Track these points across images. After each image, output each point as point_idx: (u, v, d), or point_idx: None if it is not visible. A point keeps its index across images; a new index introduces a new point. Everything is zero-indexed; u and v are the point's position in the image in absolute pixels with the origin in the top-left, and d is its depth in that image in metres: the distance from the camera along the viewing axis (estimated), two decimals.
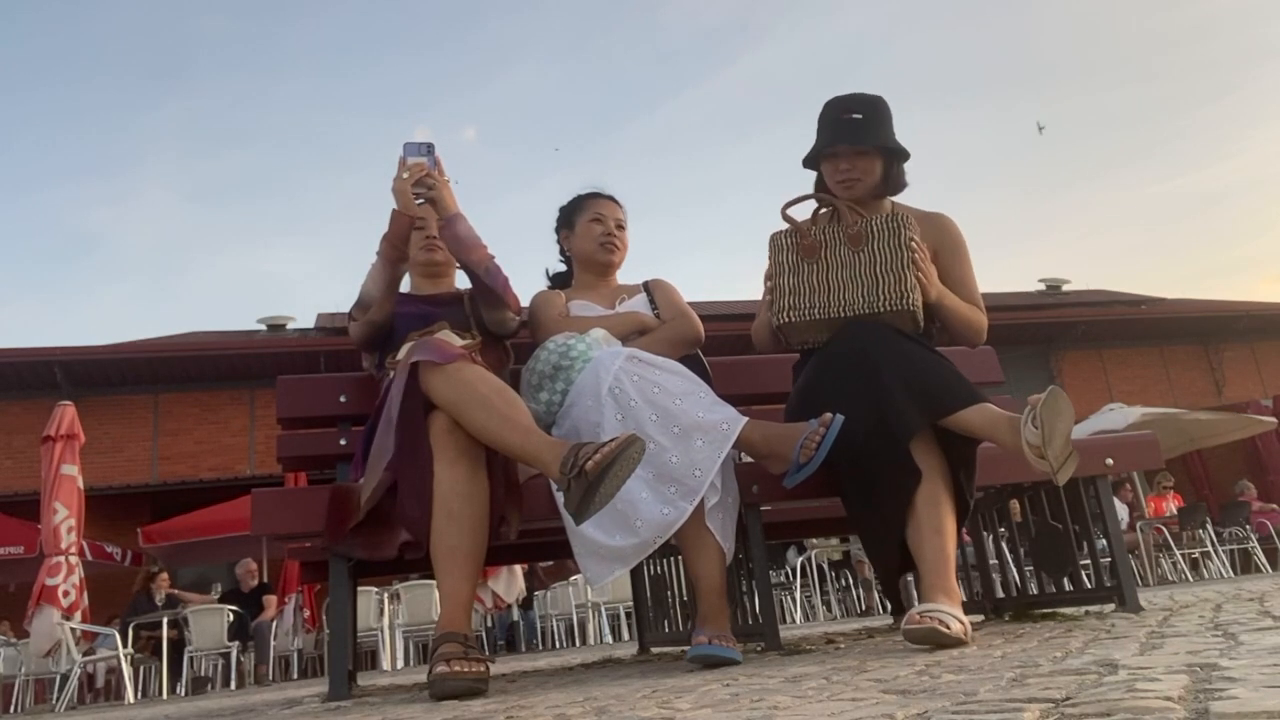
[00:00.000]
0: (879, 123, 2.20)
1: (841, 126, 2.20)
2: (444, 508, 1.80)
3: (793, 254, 2.07)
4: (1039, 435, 1.65)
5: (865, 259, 2.02)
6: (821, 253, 2.05)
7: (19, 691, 8.26)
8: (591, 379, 2.00)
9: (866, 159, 2.18)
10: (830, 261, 2.04)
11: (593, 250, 2.52)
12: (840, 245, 2.04)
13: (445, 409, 1.83)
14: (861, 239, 2.03)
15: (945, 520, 1.82)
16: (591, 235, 2.53)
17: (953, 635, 1.59)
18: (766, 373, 2.59)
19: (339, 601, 2.19)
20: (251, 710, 2.33)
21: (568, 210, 2.61)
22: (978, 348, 2.38)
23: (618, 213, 2.58)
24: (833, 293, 2.02)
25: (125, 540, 10.74)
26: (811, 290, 2.04)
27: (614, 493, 1.66)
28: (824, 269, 2.04)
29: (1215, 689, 0.78)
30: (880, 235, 2.03)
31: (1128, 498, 10.22)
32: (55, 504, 7.10)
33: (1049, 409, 1.65)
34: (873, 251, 2.02)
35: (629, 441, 1.64)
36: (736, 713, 0.96)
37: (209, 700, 4.64)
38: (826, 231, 2.07)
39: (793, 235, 2.10)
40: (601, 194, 2.60)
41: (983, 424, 1.81)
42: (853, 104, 2.21)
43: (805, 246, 2.06)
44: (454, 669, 1.66)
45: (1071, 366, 16.01)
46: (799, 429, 1.90)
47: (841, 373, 1.95)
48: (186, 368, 13.22)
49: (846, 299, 2.00)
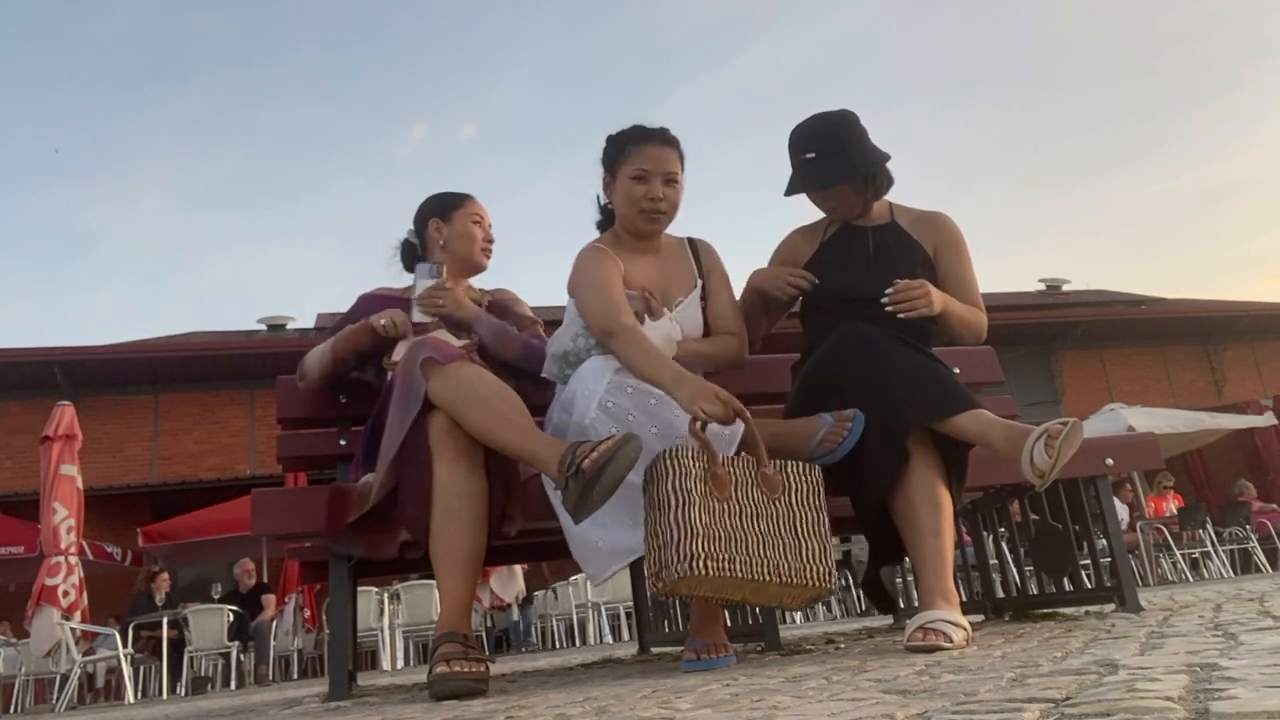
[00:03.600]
0: (838, 155, 2.17)
1: (802, 170, 2.20)
2: (443, 507, 1.80)
3: (701, 483, 1.66)
4: (1048, 463, 1.67)
5: (783, 511, 1.70)
6: (732, 490, 1.68)
7: (19, 691, 8.26)
8: (583, 391, 1.89)
9: (835, 190, 2.21)
10: (743, 503, 1.68)
11: (632, 215, 2.13)
12: (753, 486, 1.70)
13: (444, 408, 1.84)
14: (777, 485, 1.71)
15: (944, 523, 1.82)
16: (633, 197, 2.11)
17: (956, 647, 1.60)
18: (765, 373, 2.59)
19: (339, 601, 2.19)
20: (251, 710, 2.33)
21: (612, 153, 2.18)
22: (978, 347, 2.39)
23: (668, 163, 2.13)
24: (752, 545, 1.64)
25: (125, 540, 10.74)
26: (729, 537, 1.63)
27: (611, 490, 1.67)
28: (736, 512, 1.67)
29: (1215, 689, 0.78)
30: (799, 487, 1.73)
31: (1128, 498, 10.22)
32: (55, 504, 7.11)
33: (1067, 444, 1.66)
34: (790, 505, 1.70)
35: (625, 440, 1.64)
36: (736, 713, 0.96)
37: (209, 700, 4.64)
38: (737, 466, 1.71)
39: (702, 459, 1.69)
40: (650, 136, 2.15)
41: (977, 430, 1.82)
42: (806, 141, 2.20)
43: (717, 478, 1.67)
44: (454, 669, 1.66)
45: (1071, 366, 16.01)
46: (811, 425, 1.91)
47: (846, 371, 1.95)
48: (186, 368, 13.22)
49: (769, 558, 1.64)
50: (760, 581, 1.62)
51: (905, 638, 1.67)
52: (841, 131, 2.19)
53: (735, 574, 1.59)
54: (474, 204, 2.55)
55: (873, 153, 2.20)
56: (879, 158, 2.20)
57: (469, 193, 2.58)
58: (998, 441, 1.77)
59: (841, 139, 2.18)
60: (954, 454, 1.94)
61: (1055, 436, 1.66)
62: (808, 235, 2.36)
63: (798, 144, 2.21)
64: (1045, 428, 1.69)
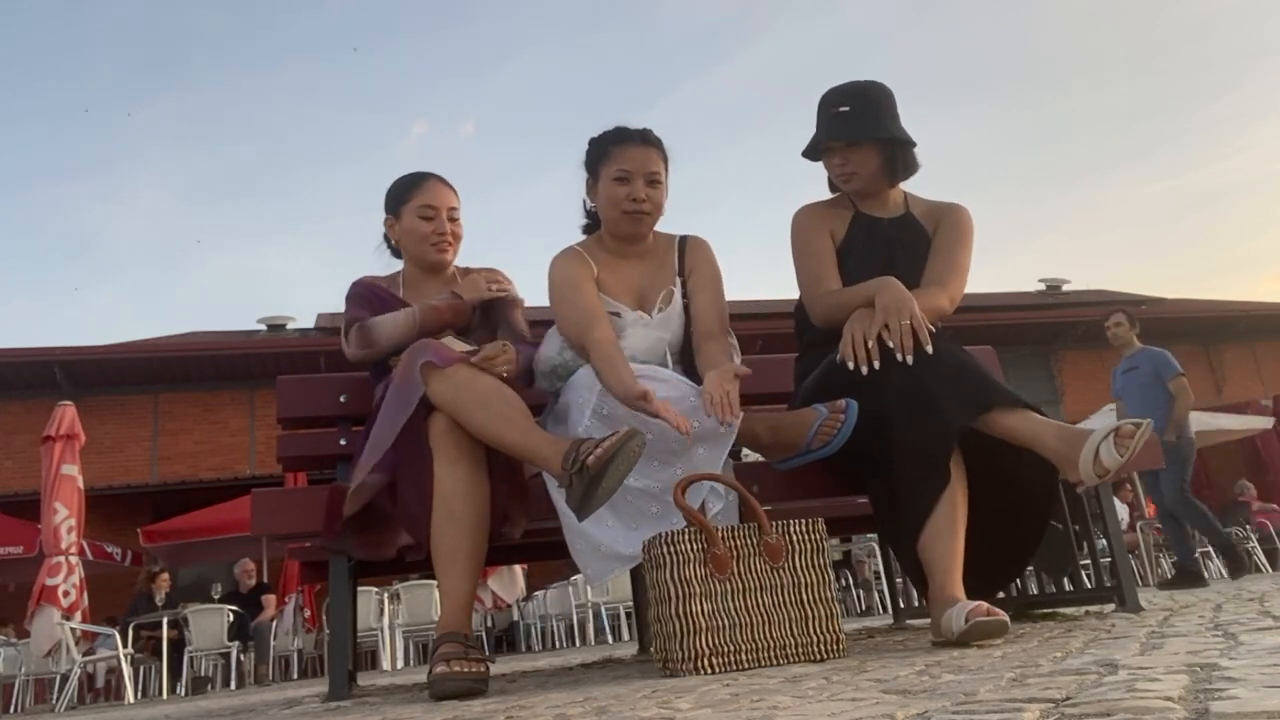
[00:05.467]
0: (871, 113, 2.12)
1: (831, 121, 2.15)
2: (445, 508, 1.81)
3: (701, 566, 1.62)
4: (1118, 462, 1.65)
5: (787, 579, 1.66)
6: (734, 564, 1.64)
7: (19, 691, 8.25)
8: (576, 401, 1.89)
9: (861, 151, 2.14)
10: (745, 579, 1.64)
11: (615, 217, 2.11)
12: (755, 556, 1.66)
13: (444, 409, 1.84)
14: (780, 554, 1.67)
15: (959, 523, 1.79)
16: (615, 198, 2.09)
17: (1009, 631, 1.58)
18: (767, 373, 2.59)
19: (339, 601, 2.19)
20: (251, 710, 2.33)
21: (594, 155, 2.16)
22: (977, 348, 2.38)
23: (650, 163, 2.10)
24: (757, 628, 1.61)
25: (125, 540, 10.75)
26: (733, 625, 1.60)
27: (615, 487, 1.67)
28: (739, 590, 1.63)
29: (1215, 689, 0.78)
30: (802, 549, 1.68)
31: (1128, 498, 10.21)
32: (55, 504, 7.11)
33: (1139, 443, 1.65)
34: (795, 569, 1.66)
35: (629, 435, 1.65)
36: (736, 713, 0.96)
37: (209, 700, 4.64)
38: (738, 537, 1.66)
39: (700, 540, 1.64)
40: (630, 137, 2.12)
41: (1026, 430, 1.77)
42: (843, 96, 2.15)
43: (717, 559, 1.63)
44: (453, 669, 1.66)
45: (1071, 366, 16.00)
46: (806, 417, 1.89)
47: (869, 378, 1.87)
48: (186, 368, 13.22)
49: (775, 639, 1.61)
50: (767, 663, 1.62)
51: (961, 626, 1.56)
52: (879, 93, 2.16)
53: (741, 664, 1.59)
54: (423, 193, 2.30)
55: (903, 130, 2.15)
56: (908, 136, 2.16)
57: (427, 173, 2.36)
58: (1052, 442, 1.74)
59: (878, 100, 2.15)
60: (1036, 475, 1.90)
61: (1129, 436, 1.65)
62: (834, 221, 2.22)
63: (831, 100, 2.16)
64: (1113, 427, 1.67)
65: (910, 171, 2.21)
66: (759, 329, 10.05)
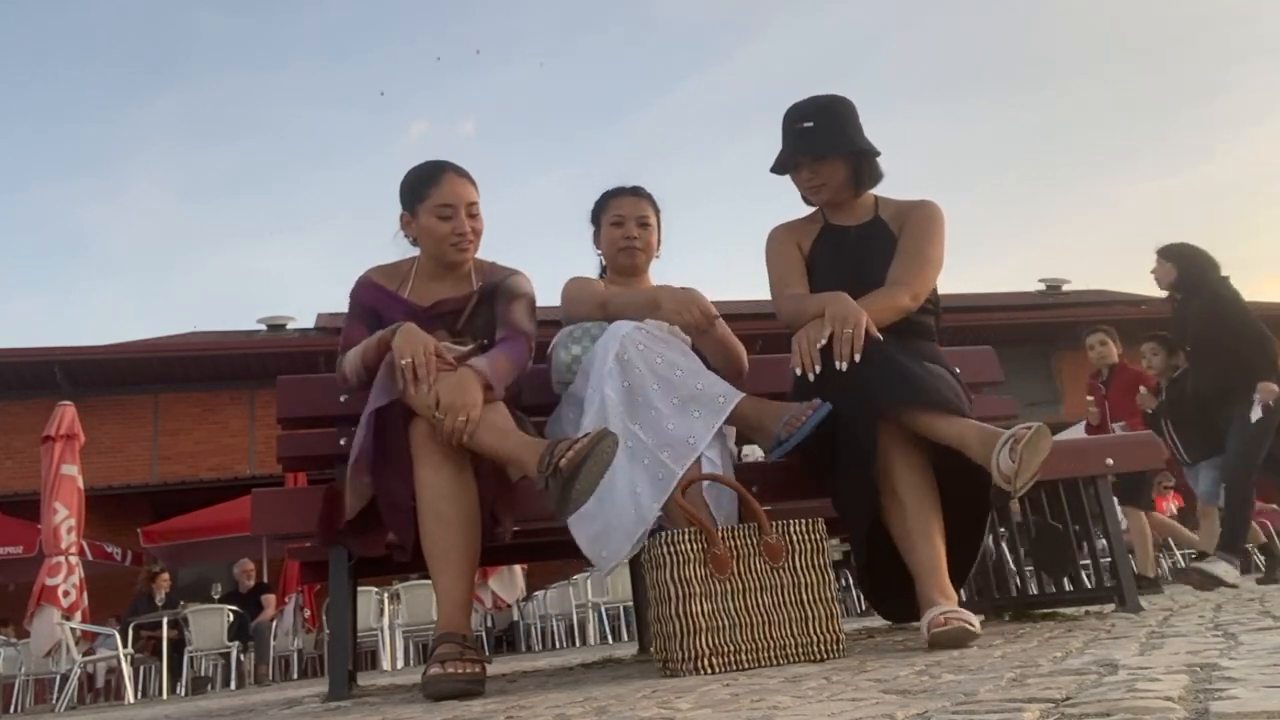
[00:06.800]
0: (834, 127, 2.18)
1: (798, 137, 2.20)
2: (432, 511, 1.81)
3: (700, 566, 1.64)
4: (1013, 468, 1.63)
5: (787, 579, 1.67)
6: (734, 564, 1.66)
7: (19, 691, 8.26)
8: (603, 346, 2.03)
9: (828, 164, 2.19)
10: (745, 579, 1.66)
11: (613, 254, 2.50)
12: (755, 556, 1.68)
13: (423, 414, 1.85)
14: (779, 553, 1.69)
15: (932, 525, 1.82)
16: (612, 239, 2.49)
17: (978, 632, 1.60)
18: (765, 373, 2.59)
19: (339, 601, 2.19)
20: (251, 710, 2.33)
21: (595, 211, 2.57)
22: (978, 348, 2.38)
23: (640, 209, 2.51)
24: (757, 628, 1.63)
25: (125, 540, 10.74)
26: (733, 625, 1.62)
27: (592, 488, 1.67)
28: (739, 590, 1.65)
29: (1215, 689, 0.78)
30: (802, 549, 1.70)
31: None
32: (55, 504, 7.11)
33: (1030, 449, 1.63)
34: (794, 569, 1.68)
35: (601, 436, 1.66)
36: (736, 713, 0.96)
37: (209, 700, 4.64)
38: (738, 538, 1.69)
39: (700, 540, 1.66)
40: (623, 190, 2.54)
41: (951, 434, 1.78)
42: (805, 112, 2.20)
43: (717, 559, 1.65)
44: (448, 670, 1.66)
45: (1071, 366, 15.99)
46: (786, 407, 1.93)
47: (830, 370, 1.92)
48: (186, 368, 13.22)
49: (775, 639, 1.63)
50: (767, 663, 1.63)
51: (926, 636, 1.64)
52: (841, 107, 2.21)
53: (741, 664, 1.61)
54: (440, 190, 2.17)
55: (868, 140, 2.20)
56: (873, 147, 2.20)
57: (443, 165, 2.22)
58: (974, 446, 1.72)
59: (841, 114, 2.20)
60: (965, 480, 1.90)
61: (1019, 441, 1.62)
62: (802, 235, 2.31)
63: (794, 116, 2.21)
64: (1012, 432, 1.65)
65: (875, 180, 2.27)
66: (759, 329, 10.04)
